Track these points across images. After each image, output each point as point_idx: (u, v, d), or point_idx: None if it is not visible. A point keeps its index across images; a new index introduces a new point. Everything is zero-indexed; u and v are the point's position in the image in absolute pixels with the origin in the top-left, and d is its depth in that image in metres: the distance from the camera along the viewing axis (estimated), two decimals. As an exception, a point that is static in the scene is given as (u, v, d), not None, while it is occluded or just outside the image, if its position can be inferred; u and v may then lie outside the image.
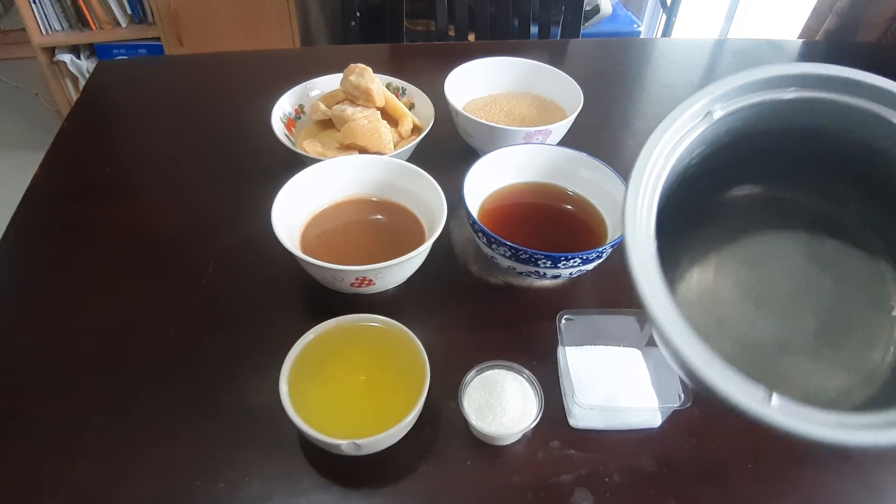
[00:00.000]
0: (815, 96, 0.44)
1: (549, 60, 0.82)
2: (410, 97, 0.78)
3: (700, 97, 0.43)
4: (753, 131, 0.46)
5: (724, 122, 0.44)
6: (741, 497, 0.48)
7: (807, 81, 0.44)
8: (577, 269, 0.58)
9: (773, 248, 0.51)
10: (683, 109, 0.42)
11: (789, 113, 0.45)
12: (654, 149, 0.41)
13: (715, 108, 0.43)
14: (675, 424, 0.52)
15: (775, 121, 0.46)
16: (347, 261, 0.53)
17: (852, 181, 0.48)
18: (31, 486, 0.46)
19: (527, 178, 0.68)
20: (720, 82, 0.43)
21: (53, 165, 0.75)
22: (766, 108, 0.44)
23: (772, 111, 0.45)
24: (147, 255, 0.64)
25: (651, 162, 0.41)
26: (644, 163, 0.40)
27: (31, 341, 0.56)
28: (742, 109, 0.44)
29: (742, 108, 0.44)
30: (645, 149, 0.41)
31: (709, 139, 0.44)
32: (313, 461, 0.48)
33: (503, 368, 0.52)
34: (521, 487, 0.48)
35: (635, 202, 0.39)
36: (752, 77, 0.43)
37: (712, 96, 0.43)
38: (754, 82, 0.43)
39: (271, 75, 0.92)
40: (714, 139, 0.45)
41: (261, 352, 0.54)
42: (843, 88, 0.44)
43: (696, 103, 0.43)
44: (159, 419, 0.51)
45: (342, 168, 0.64)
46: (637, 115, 0.92)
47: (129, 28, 1.79)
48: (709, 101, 0.43)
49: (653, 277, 0.37)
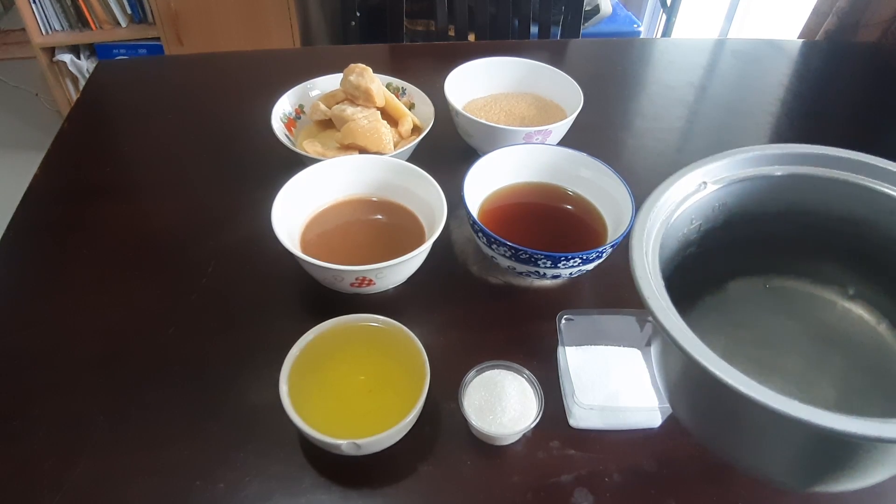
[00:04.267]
0: (796, 172, 0.48)
1: (549, 60, 0.82)
2: (410, 97, 0.78)
3: (693, 168, 0.46)
4: (745, 210, 0.49)
5: (717, 195, 0.47)
6: (741, 497, 0.48)
7: (790, 159, 0.48)
8: (577, 269, 0.58)
9: (778, 329, 0.53)
10: (678, 178, 0.46)
11: (775, 189, 0.48)
12: (655, 204, 0.44)
13: (708, 181, 0.46)
14: (675, 424, 0.52)
15: (764, 199, 0.49)
16: (347, 261, 0.53)
17: (842, 258, 0.51)
18: (31, 486, 0.46)
19: (527, 178, 0.68)
20: (710, 157, 0.47)
21: (53, 165, 0.75)
22: (754, 184, 0.48)
23: (760, 188, 0.48)
24: (147, 255, 0.64)
25: (651, 220, 0.43)
26: (644, 220, 0.43)
27: (31, 341, 0.56)
28: (732, 184, 0.47)
29: (732, 183, 0.47)
30: (645, 206, 0.43)
31: (704, 212, 0.47)
32: (313, 461, 0.48)
33: (503, 368, 0.52)
34: (521, 487, 0.48)
35: (642, 258, 0.40)
36: (741, 155, 0.47)
37: (704, 169, 0.46)
38: (743, 160, 0.47)
39: (271, 75, 0.91)
40: (710, 214, 0.48)
41: (261, 352, 0.54)
42: (823, 163, 0.48)
43: (689, 173, 0.46)
44: (159, 419, 0.51)
45: (342, 168, 0.64)
46: (637, 115, 0.92)
47: (129, 28, 1.79)
48: (702, 172, 0.46)
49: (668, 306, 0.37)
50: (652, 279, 0.38)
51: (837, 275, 0.52)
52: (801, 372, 0.50)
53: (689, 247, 0.48)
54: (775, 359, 0.51)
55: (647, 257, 0.40)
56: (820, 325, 0.52)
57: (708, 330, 0.52)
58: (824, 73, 1.06)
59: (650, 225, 0.42)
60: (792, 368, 0.50)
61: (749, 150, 0.47)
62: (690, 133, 0.89)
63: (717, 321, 0.52)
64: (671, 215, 0.44)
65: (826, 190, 0.47)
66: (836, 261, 0.51)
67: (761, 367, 0.50)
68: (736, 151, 0.47)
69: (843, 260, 0.50)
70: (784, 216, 0.49)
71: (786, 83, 1.01)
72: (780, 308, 0.53)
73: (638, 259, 0.39)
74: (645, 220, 0.42)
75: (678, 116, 0.91)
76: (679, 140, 0.86)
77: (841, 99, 0.99)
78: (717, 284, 0.53)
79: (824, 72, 1.06)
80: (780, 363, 0.51)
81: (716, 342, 0.51)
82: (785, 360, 0.51)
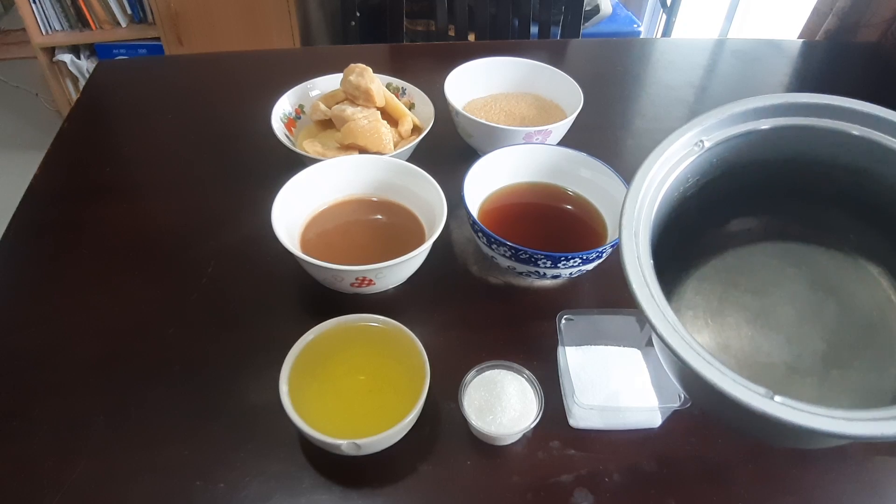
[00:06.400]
0: (798, 123, 0.46)
1: (549, 60, 0.82)
2: (410, 97, 0.78)
3: (689, 128, 0.44)
4: (746, 162, 0.47)
5: (714, 151, 0.45)
6: (741, 497, 0.48)
7: (790, 110, 0.46)
8: (577, 269, 0.58)
9: (775, 276, 0.52)
10: (675, 139, 0.44)
11: (777, 141, 0.46)
12: (648, 173, 0.42)
13: (704, 139, 0.44)
14: (675, 424, 0.52)
15: (765, 150, 0.47)
16: (347, 261, 0.53)
17: (846, 207, 0.49)
18: (31, 486, 0.46)
19: (527, 178, 0.68)
20: (707, 114, 0.45)
21: (53, 165, 0.75)
22: (754, 137, 0.46)
23: (760, 140, 0.46)
24: (147, 255, 0.64)
25: (644, 187, 0.42)
26: (638, 187, 0.41)
27: (31, 341, 0.56)
28: (731, 139, 0.45)
29: (731, 138, 0.45)
30: (639, 173, 0.42)
31: (702, 169, 0.46)
32: (313, 461, 0.48)
33: (503, 368, 0.52)
34: (521, 487, 0.48)
35: (631, 233, 0.40)
36: (739, 108, 0.45)
37: (701, 127, 0.45)
38: (741, 113, 0.45)
39: (271, 75, 0.91)
40: (708, 169, 0.46)
41: (261, 352, 0.54)
42: (826, 114, 0.45)
43: (686, 133, 0.44)
44: (159, 419, 0.51)
45: (342, 168, 0.64)
46: (637, 115, 0.92)
47: (129, 28, 1.79)
48: (698, 131, 0.45)
49: (654, 291, 0.37)
50: (644, 270, 0.38)
51: (839, 223, 0.50)
52: (794, 323, 0.49)
53: (689, 200, 0.47)
54: (769, 308, 0.50)
55: (637, 248, 0.39)
56: (818, 273, 0.51)
57: (705, 277, 0.52)
58: (824, 73, 1.06)
59: (641, 198, 0.41)
60: (785, 319, 0.50)
61: (747, 101, 0.45)
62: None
63: (716, 267, 0.51)
64: (664, 180, 0.43)
65: (829, 141, 0.46)
66: (838, 209, 0.49)
67: (755, 316, 0.49)
68: (733, 104, 0.45)
69: (845, 209, 0.49)
70: (786, 166, 0.48)
71: (786, 83, 1.01)
72: (779, 255, 0.52)
73: (630, 258, 0.39)
74: (636, 195, 0.41)
75: (678, 116, 0.91)
76: (679, 140, 0.86)
77: (841, 99, 0.99)
78: (717, 231, 0.52)
79: (824, 72, 1.06)
80: (773, 312, 0.50)
81: (712, 290, 0.51)
82: (779, 309, 0.50)
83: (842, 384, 0.46)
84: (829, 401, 0.45)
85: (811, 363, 0.47)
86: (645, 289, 0.37)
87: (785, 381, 0.47)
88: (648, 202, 0.41)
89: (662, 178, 0.43)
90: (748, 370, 0.48)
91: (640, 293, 0.37)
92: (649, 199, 0.42)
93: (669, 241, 0.40)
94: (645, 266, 0.38)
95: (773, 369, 0.48)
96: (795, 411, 0.32)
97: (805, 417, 0.32)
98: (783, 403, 0.32)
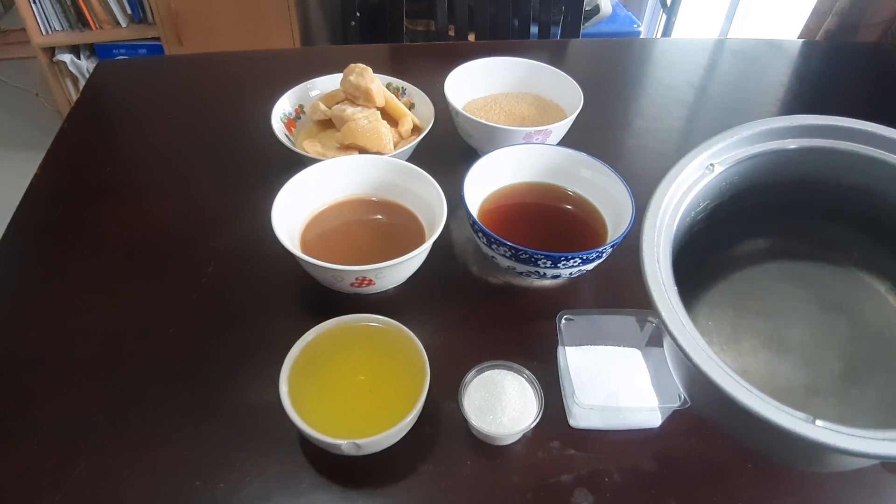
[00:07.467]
0: (805, 145, 0.47)
1: (549, 60, 0.82)
2: (410, 97, 0.78)
3: (699, 151, 0.45)
4: (753, 184, 0.48)
5: (724, 175, 0.46)
6: (741, 497, 0.48)
7: (796, 132, 0.47)
8: (577, 269, 0.58)
9: (786, 298, 0.52)
10: (686, 163, 0.45)
11: (784, 163, 0.47)
12: (663, 198, 0.43)
13: (715, 162, 0.45)
14: (675, 424, 0.52)
15: (772, 173, 0.48)
16: (347, 261, 0.53)
17: (851, 226, 0.50)
18: (31, 486, 0.46)
19: (527, 178, 0.68)
20: (716, 137, 0.46)
21: (53, 165, 0.75)
22: (761, 160, 0.47)
23: (768, 163, 0.47)
24: (147, 255, 0.64)
25: (661, 213, 0.42)
26: (654, 214, 0.42)
27: (31, 341, 0.56)
28: (739, 162, 0.46)
29: (739, 161, 0.46)
30: (654, 199, 0.43)
31: (712, 193, 0.46)
32: (313, 461, 0.48)
33: (503, 368, 0.52)
34: (521, 487, 0.48)
35: (652, 253, 0.40)
36: (747, 131, 0.46)
37: (711, 151, 0.45)
38: (749, 136, 0.46)
39: (271, 75, 0.92)
40: (717, 193, 0.47)
41: (261, 352, 0.54)
42: (831, 135, 0.47)
43: (696, 157, 0.45)
44: (159, 419, 0.51)
45: (342, 168, 0.64)
46: (637, 115, 0.92)
47: (129, 28, 1.79)
48: (708, 155, 0.45)
49: (686, 324, 0.37)
50: (664, 285, 0.38)
51: (845, 242, 0.51)
52: (808, 344, 0.50)
53: (697, 224, 0.47)
54: (782, 330, 0.50)
55: (658, 263, 0.39)
56: (826, 293, 0.51)
57: (716, 302, 0.52)
58: (824, 73, 1.06)
59: (660, 220, 0.42)
60: (799, 341, 0.50)
61: (754, 125, 0.46)
62: (690, 133, 0.89)
63: (725, 291, 0.52)
64: (679, 206, 0.43)
65: (833, 161, 0.46)
66: (844, 228, 0.50)
67: (769, 340, 0.50)
68: (741, 128, 0.46)
69: (851, 227, 0.50)
70: (791, 187, 0.48)
71: (786, 83, 1.01)
72: (788, 276, 0.52)
73: (650, 265, 0.39)
74: (655, 216, 0.41)
75: (678, 116, 0.91)
76: (679, 140, 0.86)
77: (841, 99, 0.99)
78: (724, 255, 0.53)
79: (824, 72, 1.06)
80: (787, 335, 0.50)
81: (724, 316, 0.52)
82: (792, 331, 0.50)
83: (861, 402, 0.46)
84: (852, 420, 0.46)
85: (829, 383, 0.48)
86: (682, 329, 0.36)
87: (807, 403, 0.47)
88: (666, 229, 0.42)
89: (677, 203, 0.44)
90: (771, 395, 0.49)
91: (679, 335, 0.36)
92: (666, 226, 0.42)
93: (680, 268, 0.40)
94: (674, 302, 0.38)
95: (793, 392, 0.48)
96: (841, 436, 0.32)
97: (851, 441, 0.32)
98: (826, 427, 0.33)
